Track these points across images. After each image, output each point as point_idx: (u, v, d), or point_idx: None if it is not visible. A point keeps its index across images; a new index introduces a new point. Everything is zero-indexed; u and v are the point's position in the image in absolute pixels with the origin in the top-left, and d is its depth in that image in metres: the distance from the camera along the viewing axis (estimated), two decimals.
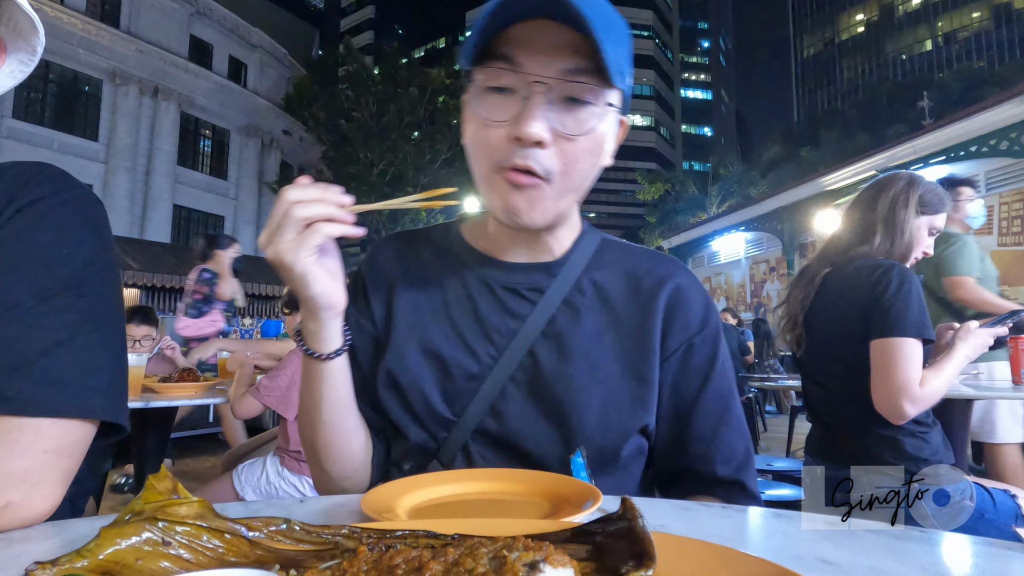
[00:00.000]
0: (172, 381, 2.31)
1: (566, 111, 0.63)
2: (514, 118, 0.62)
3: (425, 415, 0.71)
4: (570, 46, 0.61)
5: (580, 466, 0.66)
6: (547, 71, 0.61)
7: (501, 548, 0.29)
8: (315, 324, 0.63)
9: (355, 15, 55.49)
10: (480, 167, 0.67)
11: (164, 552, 0.32)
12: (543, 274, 0.75)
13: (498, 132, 0.64)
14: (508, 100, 0.63)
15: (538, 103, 0.61)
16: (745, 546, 0.39)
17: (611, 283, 0.76)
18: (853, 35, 61.08)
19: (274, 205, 0.56)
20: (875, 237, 1.49)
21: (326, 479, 0.72)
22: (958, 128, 6.94)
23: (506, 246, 0.75)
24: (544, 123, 0.61)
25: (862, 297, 1.38)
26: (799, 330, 1.56)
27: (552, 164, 0.64)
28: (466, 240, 0.79)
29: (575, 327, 0.72)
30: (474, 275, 0.76)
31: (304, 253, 0.56)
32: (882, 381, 1.32)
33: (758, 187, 26.29)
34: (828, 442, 1.51)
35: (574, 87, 0.62)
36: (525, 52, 0.62)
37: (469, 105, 0.67)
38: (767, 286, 11.34)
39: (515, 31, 0.62)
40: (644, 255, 0.80)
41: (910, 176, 1.54)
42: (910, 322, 1.31)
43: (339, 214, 0.56)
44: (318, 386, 0.66)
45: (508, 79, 0.63)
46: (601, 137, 0.66)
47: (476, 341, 0.73)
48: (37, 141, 16.34)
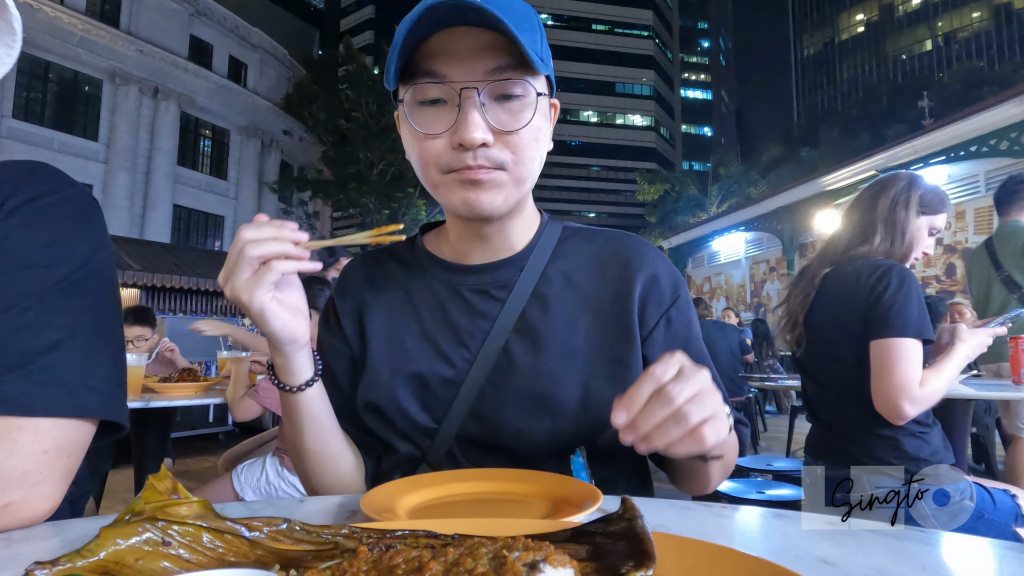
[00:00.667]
0: (172, 381, 2.31)
1: (500, 108, 0.65)
2: (453, 127, 0.64)
3: (407, 428, 0.72)
4: (489, 46, 0.63)
5: (580, 466, 0.66)
6: (472, 76, 0.63)
7: (501, 548, 0.29)
8: (281, 359, 0.64)
9: (355, 15, 55.47)
10: (430, 175, 0.68)
11: (164, 552, 0.32)
12: (509, 270, 0.75)
13: (440, 142, 0.65)
14: (442, 111, 0.64)
15: (472, 108, 0.63)
16: (745, 546, 0.39)
17: (578, 269, 0.76)
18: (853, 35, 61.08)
19: (232, 244, 0.58)
20: (875, 237, 1.49)
21: (320, 494, 0.74)
22: (958, 128, 6.94)
23: (469, 249, 0.76)
24: (482, 125, 0.63)
25: (862, 297, 1.39)
26: (799, 330, 1.57)
27: (502, 156, 0.65)
28: (430, 251, 0.80)
29: (546, 318, 0.73)
30: (441, 283, 0.77)
31: (260, 291, 0.57)
32: (882, 381, 1.32)
33: (758, 187, 26.29)
34: (828, 442, 1.51)
35: (502, 85, 0.64)
36: (447, 62, 0.63)
37: (404, 122, 0.68)
38: (767, 286, 11.34)
39: (433, 43, 0.63)
40: (607, 237, 0.80)
41: (911, 176, 1.54)
42: (910, 322, 1.31)
43: (294, 251, 0.57)
44: (297, 417, 0.67)
45: (437, 91, 0.64)
46: (539, 124, 0.68)
47: (450, 348, 0.73)
48: (37, 141, 16.33)
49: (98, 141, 17.88)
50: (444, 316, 0.75)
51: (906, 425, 1.36)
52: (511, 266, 0.75)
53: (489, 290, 0.75)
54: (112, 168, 17.93)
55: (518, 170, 0.67)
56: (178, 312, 11.23)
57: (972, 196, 7.05)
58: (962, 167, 7.10)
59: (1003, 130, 6.46)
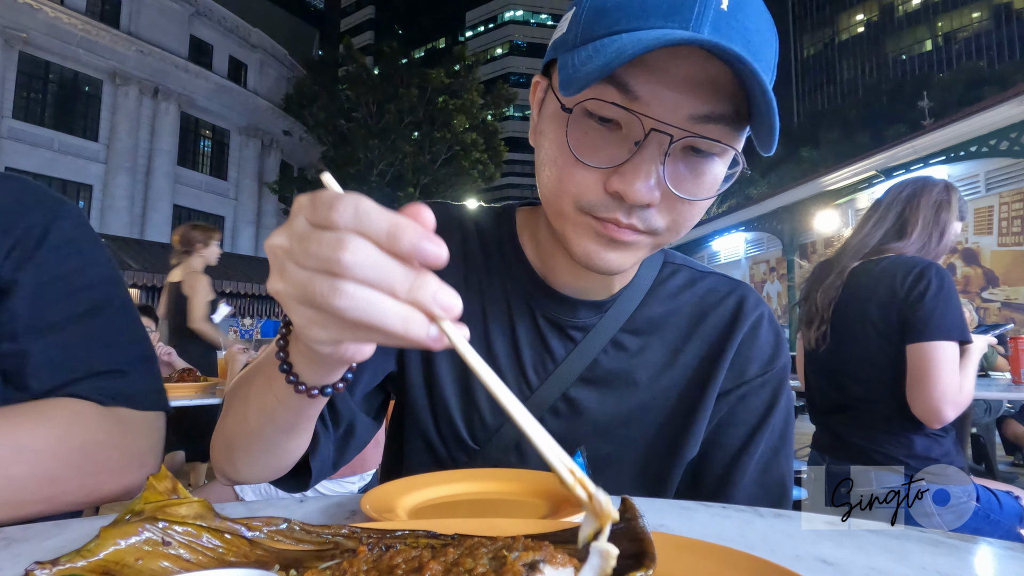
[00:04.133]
0: (172, 381, 2.31)
1: (684, 164, 0.50)
2: (618, 168, 0.49)
3: (448, 436, 0.65)
4: (709, 83, 0.46)
5: (580, 466, 0.66)
6: (675, 116, 0.46)
7: (501, 548, 0.29)
8: (314, 364, 0.41)
9: (355, 15, 55.48)
10: (561, 204, 0.53)
11: (164, 552, 0.32)
12: (591, 312, 0.64)
13: (592, 176, 0.50)
14: (612, 138, 0.49)
15: (654, 158, 0.47)
16: (745, 546, 0.39)
17: (671, 318, 0.65)
18: (853, 35, 61.03)
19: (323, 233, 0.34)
20: (912, 234, 1.48)
21: (229, 472, 0.57)
22: (958, 128, 6.93)
23: (558, 270, 0.63)
24: (656, 183, 0.48)
25: (899, 297, 1.37)
26: (825, 327, 1.53)
27: (660, 223, 0.52)
28: (518, 240, 0.67)
29: (623, 372, 0.63)
30: (517, 290, 0.65)
31: (331, 347, 0.38)
32: (925, 387, 1.30)
33: (758, 187, 26.28)
34: (839, 440, 1.51)
35: (703, 142, 0.48)
36: (649, 82, 0.46)
37: (555, 124, 0.52)
38: (767, 286, 11.33)
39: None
40: (712, 284, 0.68)
41: (945, 182, 1.54)
42: (953, 326, 1.30)
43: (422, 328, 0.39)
44: (282, 412, 0.47)
45: (617, 112, 0.48)
46: (717, 183, 0.52)
47: (509, 371, 0.64)
48: (37, 141, 16.34)
49: (98, 141, 17.88)
50: (511, 331, 0.64)
51: (923, 426, 1.36)
52: (595, 308, 0.64)
53: (564, 326, 0.64)
54: (112, 168, 17.94)
55: (668, 238, 0.54)
56: None
57: (972, 196, 7.05)
58: (962, 167, 7.09)
59: (1003, 130, 6.46)
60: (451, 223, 0.68)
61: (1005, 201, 6.73)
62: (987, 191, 6.95)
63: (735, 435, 0.65)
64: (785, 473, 0.67)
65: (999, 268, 6.84)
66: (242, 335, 8.89)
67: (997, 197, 6.82)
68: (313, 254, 0.29)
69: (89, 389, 0.62)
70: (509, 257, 0.66)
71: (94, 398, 0.62)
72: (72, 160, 16.89)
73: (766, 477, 0.65)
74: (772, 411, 0.65)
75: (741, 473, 0.64)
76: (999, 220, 6.79)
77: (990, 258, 6.93)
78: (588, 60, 0.45)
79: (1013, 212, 6.64)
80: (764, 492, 0.65)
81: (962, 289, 7.08)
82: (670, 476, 0.65)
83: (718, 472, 0.66)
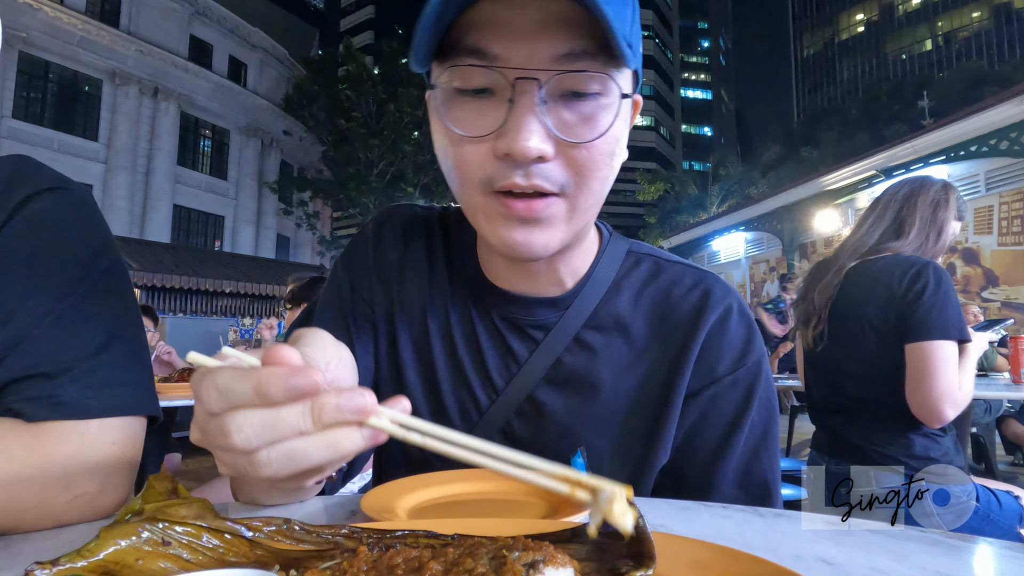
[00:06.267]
0: (172, 381, 2.31)
1: (567, 110, 0.48)
2: (499, 129, 0.47)
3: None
4: (561, 21, 0.45)
5: (580, 466, 0.66)
6: (534, 61, 0.46)
7: (501, 548, 0.29)
8: (291, 494, 0.50)
9: (355, 15, 55.46)
10: (467, 195, 0.52)
11: (164, 552, 0.32)
12: (549, 309, 0.61)
13: (482, 149, 0.49)
14: (487, 105, 0.48)
15: (528, 106, 0.46)
16: (745, 546, 0.39)
17: (634, 313, 0.62)
18: (853, 35, 61.04)
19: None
20: (910, 233, 1.48)
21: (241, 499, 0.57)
22: (958, 128, 6.93)
23: (498, 270, 0.62)
24: (542, 132, 0.46)
25: (897, 296, 1.37)
26: (822, 326, 1.53)
27: (561, 176, 0.49)
28: (475, 241, 0.65)
29: (587, 371, 0.61)
30: (475, 295, 0.64)
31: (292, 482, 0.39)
32: (924, 386, 1.30)
33: (758, 187, 26.30)
34: (838, 440, 1.51)
35: (574, 78, 0.47)
36: (501, 38, 0.46)
37: (435, 112, 0.50)
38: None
39: (484, 9, 0.46)
40: (677, 275, 0.64)
41: (943, 181, 1.54)
42: (951, 325, 1.30)
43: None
44: (280, 495, 0.51)
45: (482, 78, 0.47)
46: (619, 134, 0.51)
47: (474, 375, 0.63)
48: (37, 141, 16.32)
49: (98, 141, 17.89)
50: (474, 336, 0.63)
51: (922, 426, 1.35)
52: (552, 306, 0.61)
53: (523, 326, 0.62)
54: (112, 168, 17.94)
55: (582, 196, 0.50)
56: (178, 312, 11.24)
57: (972, 196, 7.05)
58: (962, 167, 7.09)
59: (1003, 130, 6.46)
60: (416, 225, 0.67)
61: (1005, 201, 6.73)
62: (987, 191, 6.95)
63: (709, 439, 0.62)
64: (768, 474, 0.63)
65: (999, 268, 6.85)
66: (242, 335, 8.89)
67: (997, 197, 6.82)
68: (215, 445, 0.32)
69: (15, 399, 0.52)
70: (466, 260, 0.65)
71: (21, 410, 0.51)
72: (72, 160, 16.87)
73: (747, 479, 0.62)
74: (747, 410, 0.61)
75: (719, 477, 0.61)
76: (999, 220, 6.79)
77: (990, 258, 6.94)
78: (421, 25, 0.45)
79: (1013, 212, 6.65)
80: (746, 494, 0.62)
81: (962, 289, 7.08)
82: (641, 484, 0.62)
83: (696, 477, 0.63)
